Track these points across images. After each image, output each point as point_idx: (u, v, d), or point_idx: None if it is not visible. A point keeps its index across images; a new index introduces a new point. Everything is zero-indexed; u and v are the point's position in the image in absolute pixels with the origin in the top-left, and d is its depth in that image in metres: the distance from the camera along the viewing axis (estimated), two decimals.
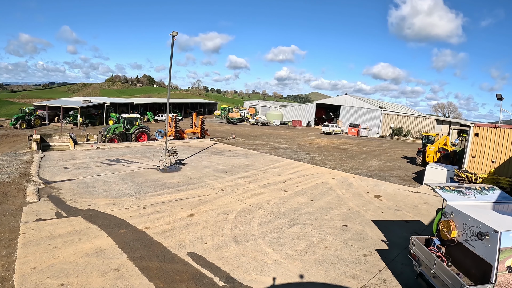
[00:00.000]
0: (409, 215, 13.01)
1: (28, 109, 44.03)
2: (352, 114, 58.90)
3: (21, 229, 9.51)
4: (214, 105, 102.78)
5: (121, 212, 11.41)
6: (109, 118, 48.58)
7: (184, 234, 9.87)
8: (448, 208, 7.24)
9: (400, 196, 15.88)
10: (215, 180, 16.89)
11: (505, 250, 5.70)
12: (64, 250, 8.40)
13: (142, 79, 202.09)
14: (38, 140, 24.43)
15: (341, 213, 12.76)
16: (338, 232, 10.82)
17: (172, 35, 17.49)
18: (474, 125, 16.37)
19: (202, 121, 35.01)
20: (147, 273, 7.56)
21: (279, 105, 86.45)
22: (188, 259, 8.37)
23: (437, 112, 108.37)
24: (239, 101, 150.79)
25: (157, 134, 33.65)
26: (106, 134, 28.43)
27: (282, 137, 41.38)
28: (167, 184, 15.57)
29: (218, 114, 79.28)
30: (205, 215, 11.67)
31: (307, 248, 9.45)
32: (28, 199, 12.12)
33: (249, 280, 7.56)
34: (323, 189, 16.29)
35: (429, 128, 49.40)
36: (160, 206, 12.36)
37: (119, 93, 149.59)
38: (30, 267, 7.47)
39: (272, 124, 66.71)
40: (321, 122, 62.83)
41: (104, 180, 15.67)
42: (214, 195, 14.16)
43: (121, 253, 8.45)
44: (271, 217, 11.83)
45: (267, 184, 16.55)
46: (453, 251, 6.90)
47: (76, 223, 10.26)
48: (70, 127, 44.18)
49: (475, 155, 16.06)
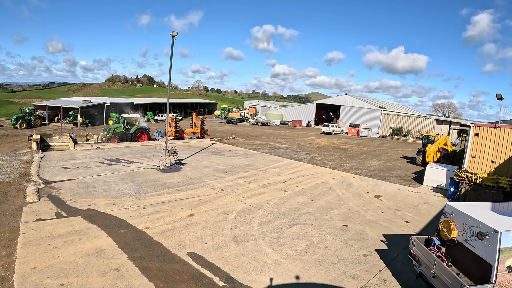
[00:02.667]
0: (409, 215, 13.01)
1: (28, 109, 44.02)
2: (352, 114, 58.89)
3: (21, 229, 9.51)
4: (214, 105, 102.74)
5: (121, 212, 11.41)
6: (109, 118, 48.56)
7: (184, 234, 9.87)
8: (448, 208, 7.24)
9: (400, 196, 15.88)
10: (215, 180, 16.88)
11: (505, 250, 5.70)
12: (64, 250, 8.40)
13: (142, 79, 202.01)
14: (38, 140, 24.42)
15: (341, 213, 12.76)
16: (338, 232, 10.82)
17: (172, 35, 17.50)
18: (474, 125, 16.36)
19: (202, 121, 35.01)
20: (147, 273, 7.56)
21: (279, 105, 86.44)
22: (188, 259, 8.37)
23: (437, 112, 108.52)
24: (239, 101, 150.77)
25: (157, 134, 33.64)
26: (106, 134, 28.43)
27: (282, 137, 41.38)
28: (167, 184, 15.57)
29: (218, 114, 79.20)
30: (205, 215, 11.67)
31: (307, 248, 9.45)
32: (28, 199, 12.11)
33: (249, 280, 7.55)
34: (323, 189, 16.29)
35: (429, 128, 49.40)
36: (160, 206, 12.36)
37: (119, 93, 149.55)
38: (30, 267, 7.47)
39: (272, 124, 66.70)
40: (321, 122, 62.83)
41: (104, 180, 15.67)
42: (214, 195, 14.16)
43: (121, 253, 8.45)
44: (271, 217, 11.83)
45: (267, 184, 16.55)
46: (453, 251, 6.90)
47: (76, 223, 10.26)
48: (70, 127, 44.20)
49: (475, 155, 16.05)
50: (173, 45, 18.08)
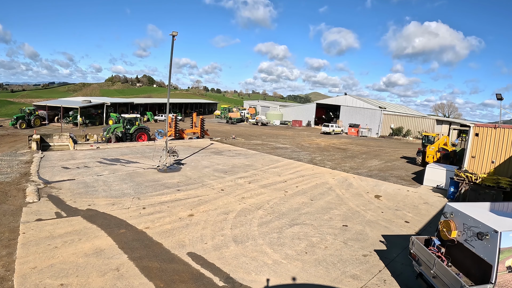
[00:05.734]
0: (409, 215, 13.01)
1: (28, 109, 43.99)
2: (352, 114, 58.90)
3: (21, 229, 9.51)
4: (214, 105, 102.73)
5: (121, 212, 11.41)
6: (109, 118, 48.56)
7: (184, 234, 9.87)
8: (448, 208, 7.24)
9: (400, 196, 15.88)
10: (215, 180, 16.88)
11: (505, 250, 5.70)
12: (64, 250, 8.39)
13: (142, 79, 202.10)
14: (38, 140, 24.41)
15: (341, 213, 12.76)
16: (338, 232, 10.82)
17: (172, 35, 17.51)
18: (474, 125, 16.37)
19: (202, 121, 35.00)
20: (147, 273, 7.56)
21: (279, 105, 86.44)
22: (188, 259, 8.36)
23: (437, 112, 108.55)
24: (239, 101, 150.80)
25: (157, 134, 33.63)
26: (106, 134, 28.42)
27: (282, 137, 41.38)
28: (167, 184, 15.57)
29: (218, 114, 79.21)
30: (205, 215, 11.67)
31: (307, 248, 9.45)
32: (28, 199, 12.11)
33: (249, 280, 7.55)
34: (323, 189, 16.28)
35: (429, 128, 49.40)
36: (160, 206, 12.35)
37: (119, 93, 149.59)
38: (29, 267, 7.47)
39: (272, 124, 66.70)
40: (321, 122, 62.83)
41: (104, 180, 15.66)
42: (214, 195, 14.16)
43: (121, 253, 8.44)
44: (271, 217, 11.83)
45: (267, 184, 16.54)
46: (453, 251, 6.90)
47: (76, 223, 10.25)
48: (70, 127, 44.15)
49: (475, 155, 16.05)
50: (173, 45, 18.09)
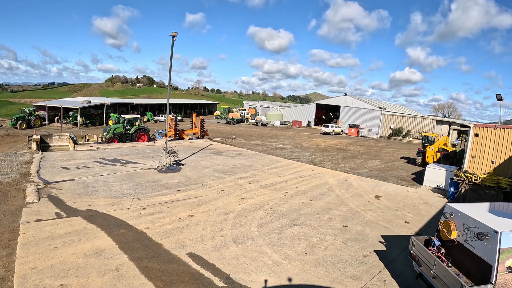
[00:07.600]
0: (409, 216, 13.01)
1: (28, 109, 43.98)
2: (352, 115, 58.91)
3: (20, 230, 9.50)
4: (214, 105, 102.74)
5: (121, 213, 11.41)
6: (109, 119, 48.55)
7: (184, 235, 9.87)
8: (448, 209, 7.24)
9: (400, 196, 15.88)
10: (215, 180, 16.88)
11: (505, 250, 5.70)
12: (63, 251, 8.39)
13: (142, 80, 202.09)
14: (38, 140, 24.41)
15: (341, 213, 12.76)
16: (338, 232, 10.81)
17: (172, 35, 17.53)
18: (474, 126, 16.37)
19: (202, 121, 34.99)
20: (147, 273, 7.55)
21: (279, 106, 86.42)
22: (188, 259, 8.36)
23: (437, 112, 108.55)
24: (239, 102, 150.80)
25: (157, 134, 33.62)
26: (106, 134, 28.42)
27: (282, 138, 41.39)
28: (167, 184, 15.56)
29: (218, 115, 79.18)
30: (205, 215, 11.67)
31: (307, 248, 9.45)
32: (28, 200, 12.11)
33: (249, 280, 7.55)
34: (323, 189, 16.28)
35: (429, 129, 49.42)
36: (160, 206, 12.35)
37: (119, 94, 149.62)
38: (29, 268, 7.47)
39: (272, 124, 66.68)
40: (321, 123, 62.89)
41: (104, 180, 15.66)
42: (214, 196, 14.16)
43: (121, 253, 8.44)
44: (271, 218, 11.83)
45: (267, 185, 16.54)
46: (453, 251, 6.90)
47: (76, 223, 10.25)
48: (70, 127, 44.13)
49: (475, 156, 16.05)
50: (173, 46, 18.10)
